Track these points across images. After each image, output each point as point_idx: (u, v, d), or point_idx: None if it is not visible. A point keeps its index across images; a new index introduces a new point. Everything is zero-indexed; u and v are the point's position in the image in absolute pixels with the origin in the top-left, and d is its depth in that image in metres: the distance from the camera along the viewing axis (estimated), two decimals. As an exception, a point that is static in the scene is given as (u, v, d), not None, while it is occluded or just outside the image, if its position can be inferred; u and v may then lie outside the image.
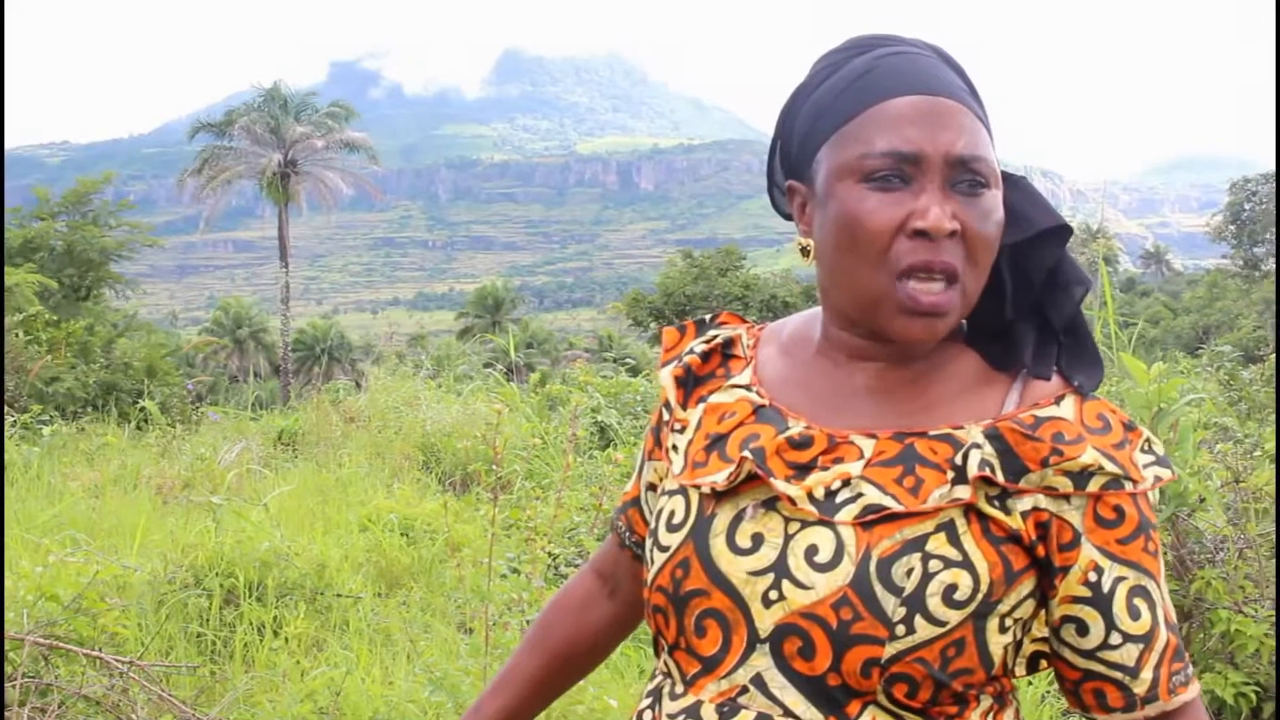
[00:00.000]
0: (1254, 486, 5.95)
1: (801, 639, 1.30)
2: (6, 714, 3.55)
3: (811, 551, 1.31)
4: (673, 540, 1.41)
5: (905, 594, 1.27)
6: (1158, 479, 1.35)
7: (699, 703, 1.37)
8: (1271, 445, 7.96)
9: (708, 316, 1.66)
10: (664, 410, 1.60)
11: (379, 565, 7.02)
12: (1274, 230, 45.76)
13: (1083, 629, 1.36)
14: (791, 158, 1.46)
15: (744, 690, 1.33)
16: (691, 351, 1.58)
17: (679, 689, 1.41)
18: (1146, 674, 1.35)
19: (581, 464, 9.39)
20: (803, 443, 1.38)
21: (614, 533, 1.75)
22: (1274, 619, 4.93)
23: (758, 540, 1.34)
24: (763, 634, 1.32)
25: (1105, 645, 1.35)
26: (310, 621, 5.65)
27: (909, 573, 1.28)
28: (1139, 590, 1.34)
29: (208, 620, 5.47)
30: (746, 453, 1.37)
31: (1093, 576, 1.34)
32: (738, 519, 1.37)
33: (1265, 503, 5.62)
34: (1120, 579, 1.34)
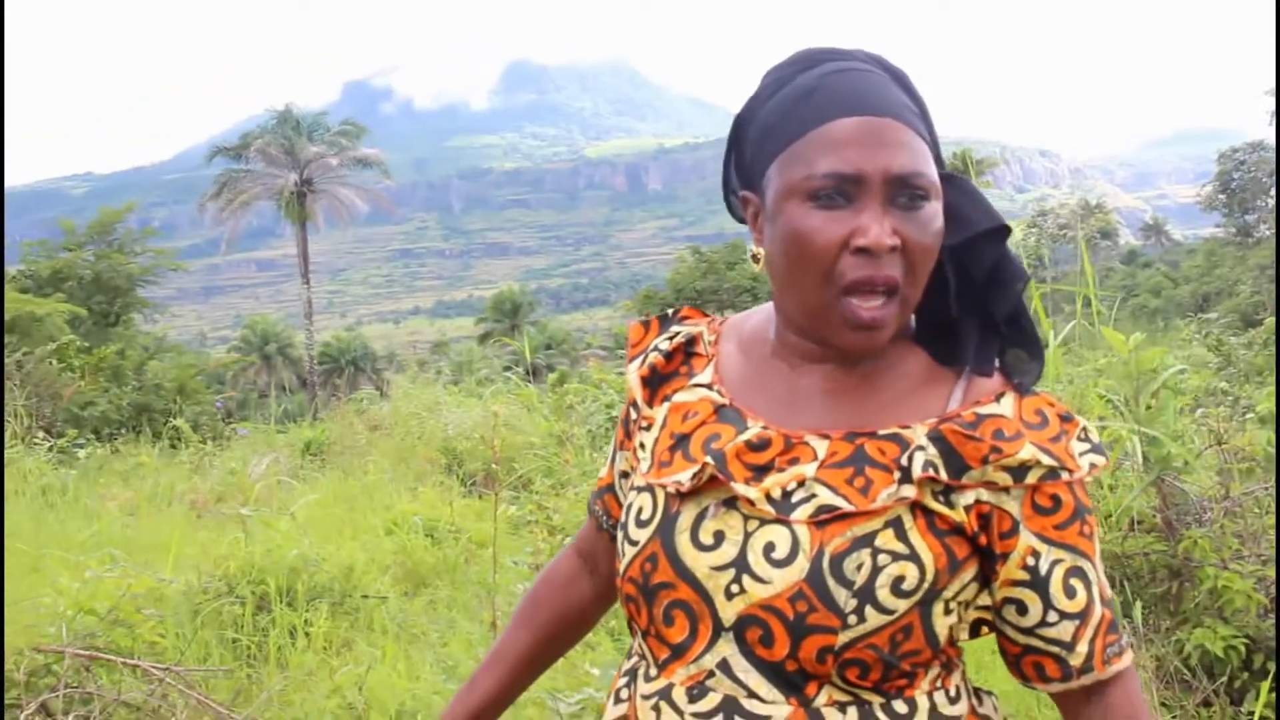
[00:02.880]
0: (1237, 447, 6.03)
1: (761, 628, 1.37)
2: (52, 723, 3.64)
3: (769, 548, 1.38)
4: (641, 535, 1.47)
5: (856, 587, 1.34)
6: (1093, 465, 1.42)
7: (670, 685, 1.44)
8: (1262, 407, 8.01)
9: (670, 311, 1.71)
10: (632, 408, 1.67)
11: (405, 566, 7.10)
12: (1265, 198, 45.71)
13: (1022, 609, 1.44)
14: (745, 169, 1.51)
15: (711, 674, 1.41)
16: (656, 349, 1.63)
17: (652, 672, 1.48)
18: (1082, 648, 1.43)
19: (596, 459, 9.47)
20: (760, 445, 1.44)
21: (591, 516, 1.82)
22: (1271, 577, 4.98)
23: (719, 537, 1.41)
24: (726, 623, 1.39)
25: (1043, 623, 1.43)
26: (339, 622, 5.74)
27: (859, 567, 1.35)
28: (1075, 571, 1.42)
29: (242, 626, 5.54)
30: (708, 458, 1.43)
31: (1030, 561, 1.41)
32: (701, 517, 1.43)
33: (1248, 463, 5.69)
34: (1057, 561, 1.42)
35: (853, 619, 1.35)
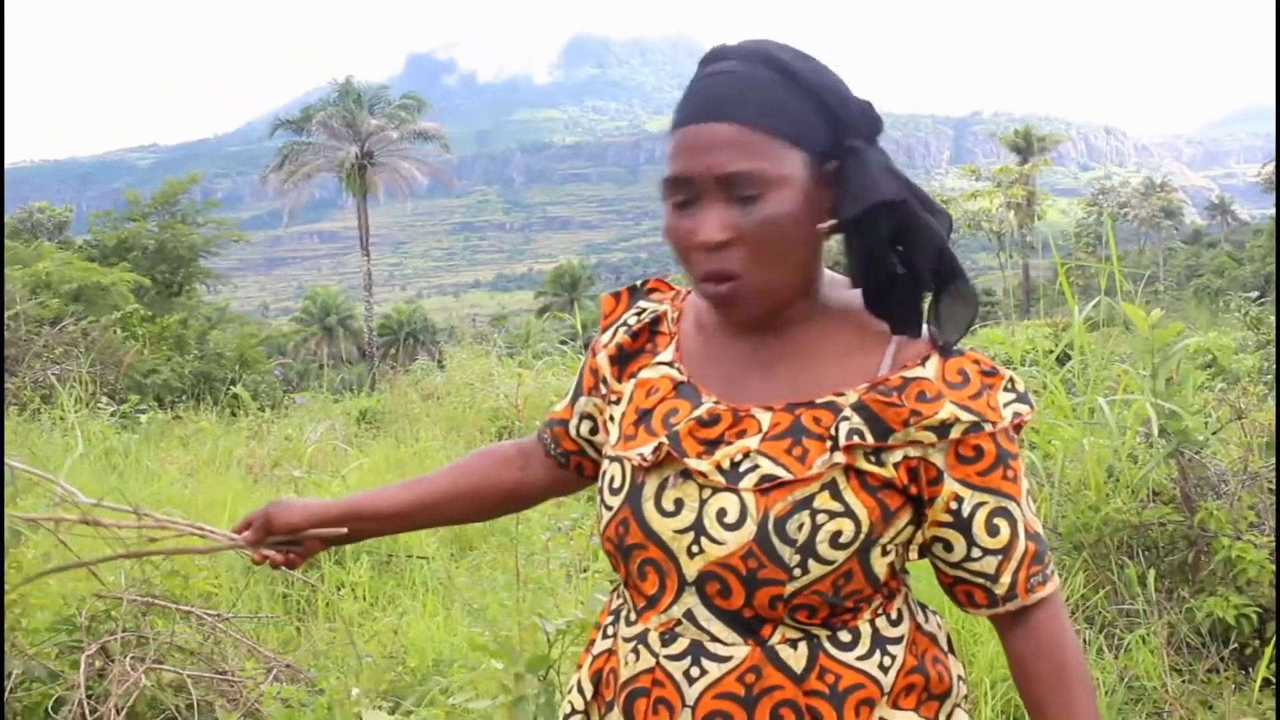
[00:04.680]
0: (1258, 422, 6.12)
1: (719, 583, 1.55)
2: (111, 663, 3.85)
3: (721, 514, 1.54)
4: (614, 501, 1.65)
5: (799, 544, 1.51)
6: (1016, 414, 1.57)
7: (646, 630, 1.63)
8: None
9: (639, 283, 1.89)
10: (594, 373, 1.86)
11: (452, 529, 7.31)
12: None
13: (948, 547, 1.62)
14: None
15: (679, 622, 1.59)
16: (625, 324, 1.82)
17: (632, 617, 1.67)
18: (1005, 579, 1.61)
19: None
20: (711, 420, 1.60)
21: (539, 439, 2.00)
22: (1273, 545, 5.07)
23: (679, 504, 1.58)
24: (689, 578, 1.57)
25: (968, 559, 1.61)
26: (385, 580, 5.96)
27: (800, 527, 1.51)
28: (998, 512, 1.58)
29: (292, 582, 5.78)
30: (663, 438, 1.60)
31: (954, 505, 1.58)
32: (663, 486, 1.60)
33: (1268, 436, 5.78)
34: (980, 504, 1.58)
35: (797, 571, 1.52)
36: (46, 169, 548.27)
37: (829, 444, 1.54)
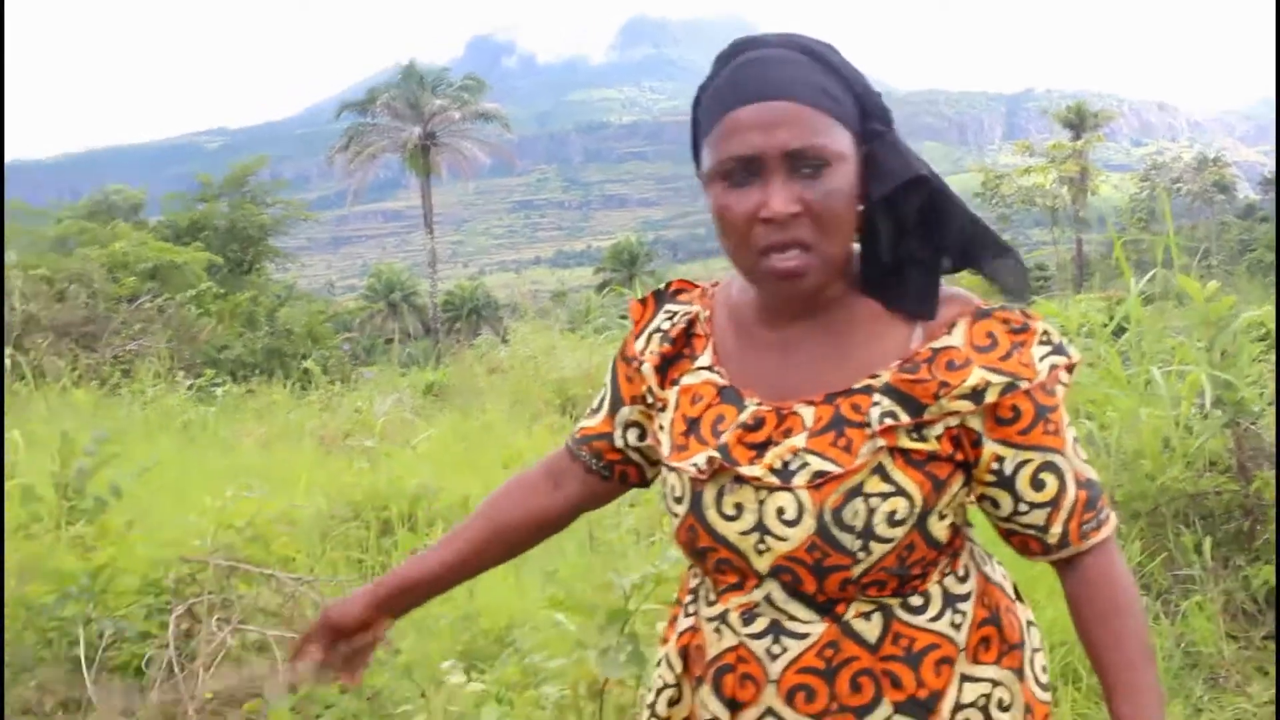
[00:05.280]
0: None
1: (790, 574, 1.59)
2: (198, 624, 3.93)
3: (780, 512, 1.57)
4: (680, 510, 1.68)
5: (858, 530, 1.55)
6: (1053, 367, 1.59)
7: (727, 611, 1.66)
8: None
9: (664, 286, 1.89)
10: (638, 366, 1.83)
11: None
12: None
13: (995, 504, 1.65)
14: (695, 146, 1.68)
15: (759, 604, 1.63)
16: (659, 330, 1.82)
17: (712, 597, 1.71)
18: (1056, 529, 1.63)
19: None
20: (757, 425, 1.62)
21: (574, 458, 1.96)
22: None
23: (739, 509, 1.61)
24: (763, 572, 1.61)
25: (1016, 513, 1.64)
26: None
27: (856, 514, 1.54)
28: (1045, 466, 1.60)
29: (367, 548, 5.85)
30: (715, 451, 1.63)
31: (995, 465, 1.60)
32: (721, 493, 1.62)
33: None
34: (1024, 462, 1.60)
35: (861, 555, 1.56)
36: (118, 153, 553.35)
37: (867, 430, 1.57)
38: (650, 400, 1.80)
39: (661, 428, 1.75)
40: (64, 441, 5.12)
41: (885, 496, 1.56)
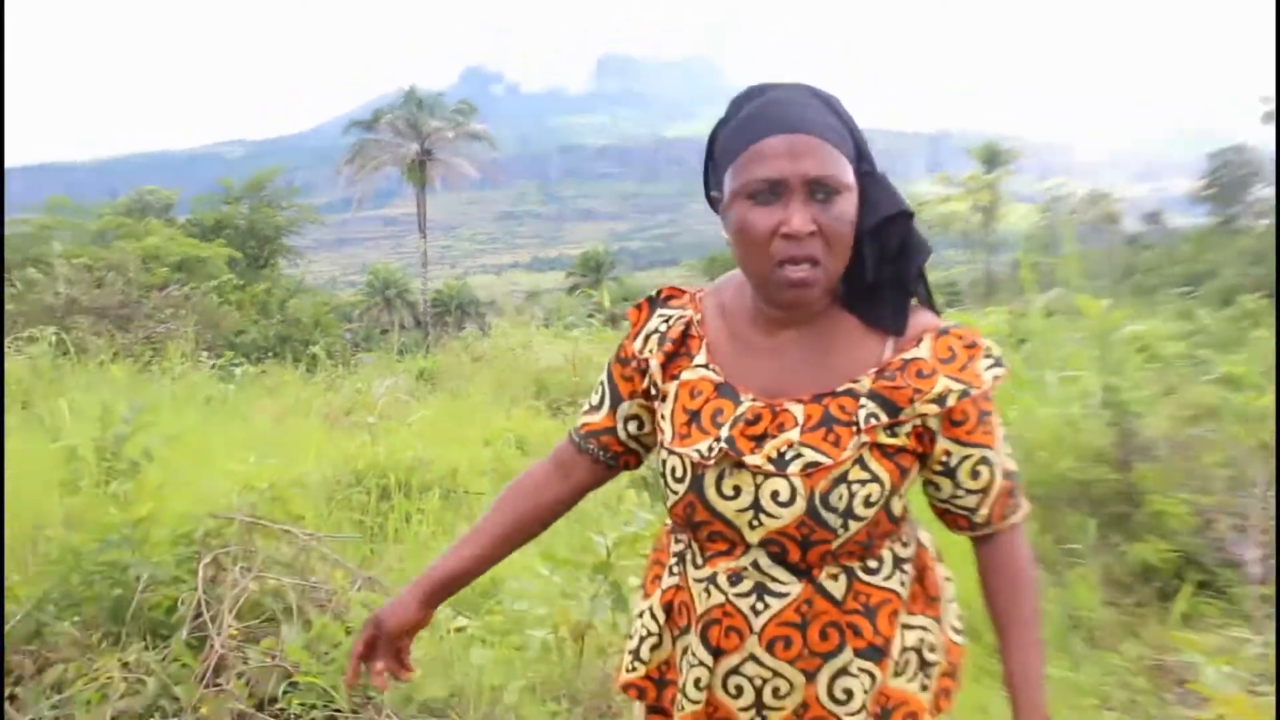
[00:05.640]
0: (1189, 399, 6.21)
1: (778, 545, 1.67)
2: (223, 572, 3.96)
3: (775, 495, 1.65)
4: (679, 488, 1.73)
5: (840, 510, 1.64)
6: (995, 377, 1.68)
7: (715, 573, 1.73)
8: (1225, 371, 8.14)
9: (656, 293, 1.92)
10: (636, 366, 1.86)
11: (499, 471, 7.41)
12: (1247, 193, 45.33)
13: (937, 488, 1.76)
14: (714, 174, 1.72)
15: (746, 569, 1.71)
16: (657, 332, 1.84)
17: (699, 561, 1.77)
18: (984, 511, 1.76)
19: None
20: (754, 419, 1.68)
21: (581, 451, 1.96)
22: (1205, 504, 5.16)
23: (738, 490, 1.67)
24: (753, 543, 1.69)
25: (954, 497, 1.75)
26: (446, 511, 6.05)
27: (840, 497, 1.64)
28: (980, 461, 1.72)
29: (367, 511, 5.88)
30: (721, 442, 1.68)
31: (944, 458, 1.71)
32: (721, 476, 1.68)
33: (1194, 410, 5.88)
34: (966, 456, 1.71)
35: (841, 531, 1.66)
36: (150, 158, 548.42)
37: (854, 429, 1.65)
38: (654, 393, 1.83)
39: (663, 417, 1.79)
40: (104, 410, 5.14)
41: (864, 483, 1.65)
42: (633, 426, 1.92)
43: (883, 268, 1.68)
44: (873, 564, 1.73)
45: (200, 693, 3.45)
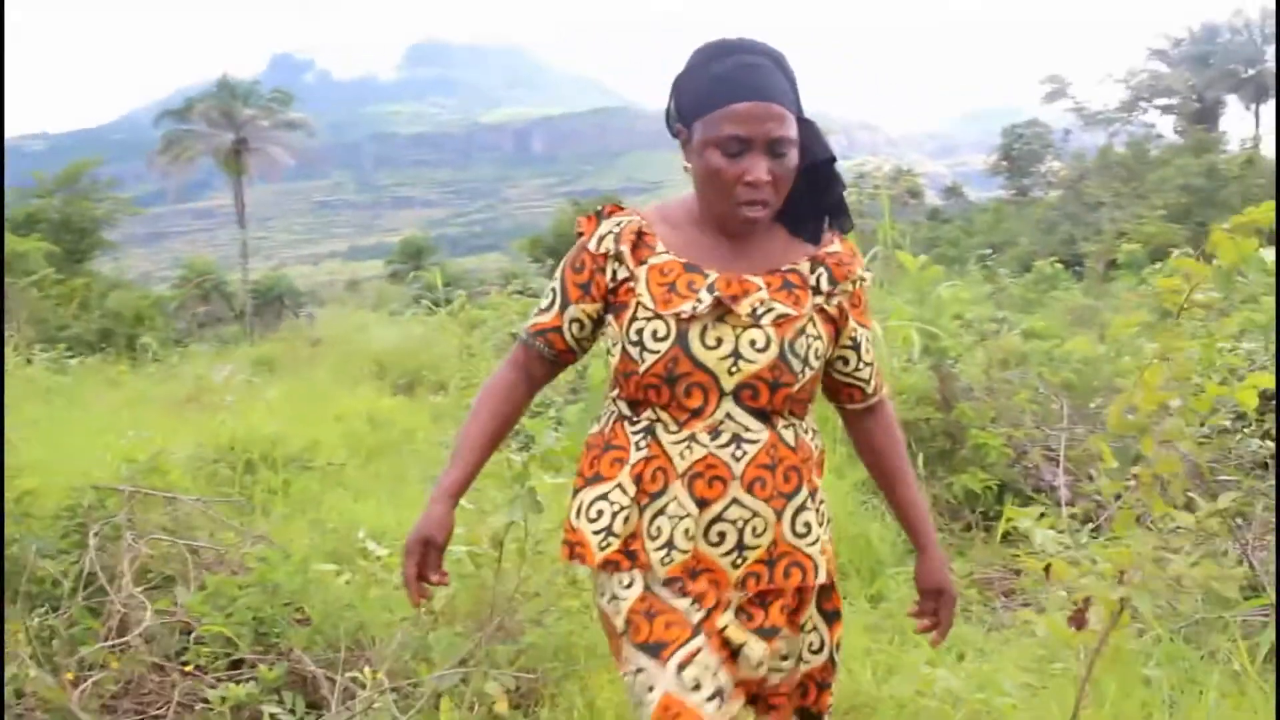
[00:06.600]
0: (998, 347, 6.72)
1: (751, 390, 1.99)
2: (109, 542, 4.06)
3: (753, 343, 1.98)
4: (661, 346, 1.98)
5: (801, 357, 2.01)
6: (869, 271, 2.19)
7: (693, 433, 2.01)
8: (1026, 326, 8.75)
9: (599, 209, 2.16)
10: (599, 272, 2.09)
11: (352, 445, 7.55)
12: (1039, 165, 47.61)
13: (845, 361, 2.18)
14: (682, 112, 2.03)
15: (721, 422, 2.00)
16: (612, 234, 2.08)
17: (673, 427, 2.03)
18: (874, 382, 2.23)
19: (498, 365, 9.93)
20: (726, 285, 1.99)
21: (530, 350, 2.18)
22: (1017, 437, 5.62)
23: (720, 340, 1.97)
24: (727, 390, 1.99)
25: (855, 369, 2.20)
26: (309, 482, 6.19)
27: (802, 346, 2.01)
28: (869, 339, 2.20)
29: (234, 483, 5.98)
30: (716, 294, 1.96)
31: (853, 334, 2.15)
32: (704, 330, 1.97)
33: (1003, 355, 6.41)
34: (864, 335, 2.18)
35: (801, 376, 2.02)
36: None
37: (810, 290, 2.05)
38: (620, 279, 2.06)
39: (639, 295, 2.03)
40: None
41: (815, 338, 2.03)
42: (575, 328, 2.14)
43: (811, 199, 2.08)
44: (806, 423, 2.10)
45: (105, 653, 3.58)
